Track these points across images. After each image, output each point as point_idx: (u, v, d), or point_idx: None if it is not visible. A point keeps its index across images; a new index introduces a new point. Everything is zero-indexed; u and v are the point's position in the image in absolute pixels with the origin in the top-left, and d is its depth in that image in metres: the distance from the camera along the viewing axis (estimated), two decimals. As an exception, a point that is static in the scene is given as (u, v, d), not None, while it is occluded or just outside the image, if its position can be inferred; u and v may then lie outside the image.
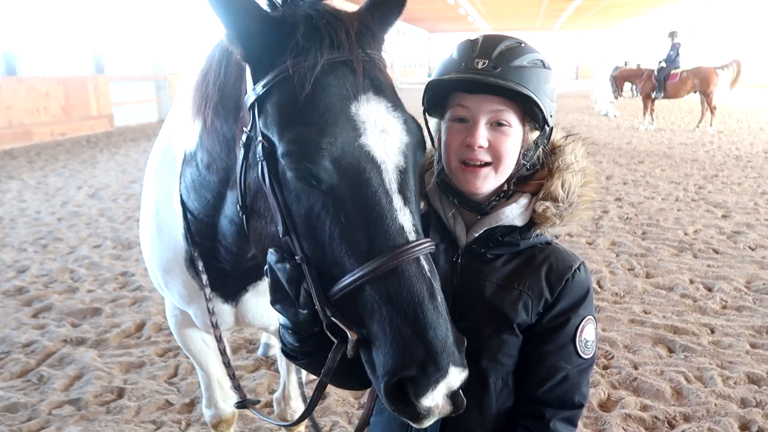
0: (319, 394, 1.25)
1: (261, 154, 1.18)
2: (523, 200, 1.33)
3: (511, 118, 1.26)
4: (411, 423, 1.11)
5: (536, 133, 1.31)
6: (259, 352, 3.76)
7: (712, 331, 3.98)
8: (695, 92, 15.24)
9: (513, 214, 1.31)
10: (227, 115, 1.36)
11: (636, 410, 3.09)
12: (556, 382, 1.28)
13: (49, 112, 14.58)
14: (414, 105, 1.31)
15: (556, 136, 1.39)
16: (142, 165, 10.59)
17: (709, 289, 4.69)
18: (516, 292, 1.28)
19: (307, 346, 1.24)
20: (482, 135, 1.25)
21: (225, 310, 1.92)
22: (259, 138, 1.19)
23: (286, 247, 1.20)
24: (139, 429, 3.01)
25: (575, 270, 1.31)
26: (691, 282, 4.82)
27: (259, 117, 1.19)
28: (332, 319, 1.14)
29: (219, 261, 1.72)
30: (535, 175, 1.35)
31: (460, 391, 1.10)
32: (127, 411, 3.14)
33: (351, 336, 1.12)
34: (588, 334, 1.31)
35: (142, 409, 3.17)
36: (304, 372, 2.58)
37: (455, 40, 1.38)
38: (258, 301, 1.91)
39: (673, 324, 4.05)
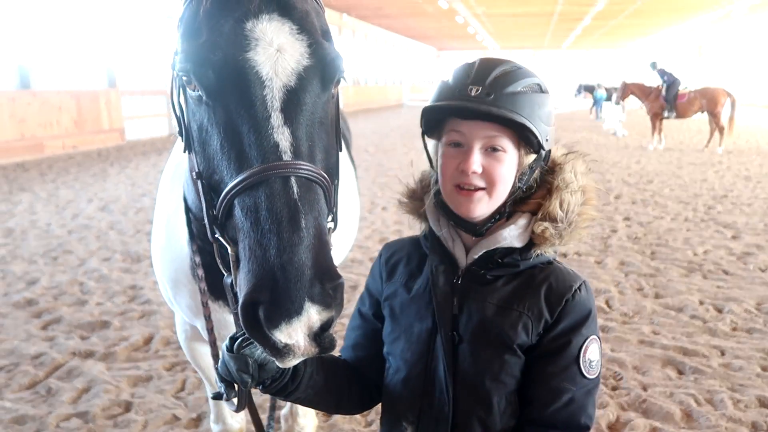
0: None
1: (173, 70, 1.24)
2: (522, 221, 1.32)
3: (505, 143, 1.26)
4: (275, 360, 1.08)
5: (533, 156, 1.31)
6: (267, 367, 3.75)
7: (723, 353, 3.95)
8: (702, 112, 15.25)
9: (511, 235, 1.31)
10: None
11: (645, 432, 3.06)
12: (561, 404, 1.26)
13: (62, 126, 14.74)
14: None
15: (556, 153, 1.38)
16: (151, 179, 10.67)
17: (719, 311, 4.66)
18: (516, 313, 1.28)
19: None
20: (476, 161, 1.25)
21: (232, 322, 1.92)
22: (173, 53, 1.25)
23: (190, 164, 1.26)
24: (145, 443, 3.01)
25: (575, 290, 1.29)
26: (701, 303, 4.79)
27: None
28: (216, 236, 1.18)
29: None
30: (533, 195, 1.34)
31: (328, 332, 1.06)
32: (135, 425, 3.14)
33: (231, 251, 1.14)
34: (592, 354, 1.29)
35: (149, 424, 3.17)
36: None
37: (464, 58, 1.39)
38: None
39: (683, 345, 4.02)
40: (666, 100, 15.35)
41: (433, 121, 1.34)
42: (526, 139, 1.26)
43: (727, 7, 28.16)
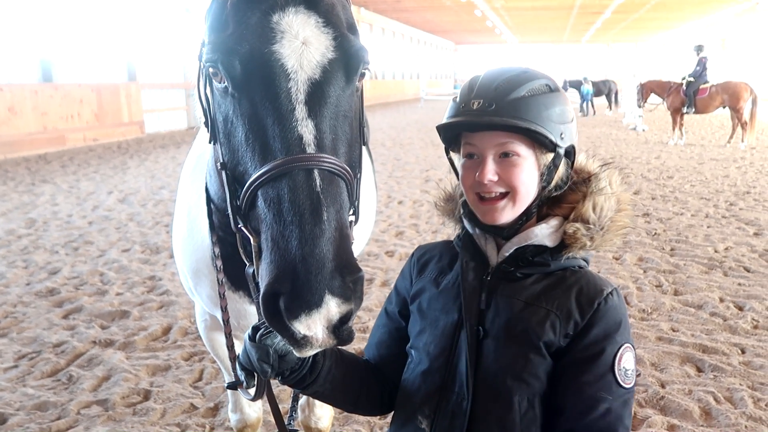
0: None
1: (200, 61, 1.25)
2: (554, 221, 1.34)
3: (518, 147, 1.28)
4: (293, 349, 1.09)
5: (551, 155, 1.31)
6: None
7: (743, 352, 3.89)
8: (724, 107, 14.99)
9: (543, 233, 1.32)
10: None
11: (663, 430, 3.04)
12: (599, 414, 1.22)
13: (83, 119, 14.95)
14: (439, 116, 1.34)
15: (592, 165, 1.40)
16: (170, 171, 10.78)
17: (740, 308, 4.59)
18: (543, 311, 1.27)
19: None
20: (490, 169, 1.28)
21: (252, 313, 1.94)
22: (199, 44, 1.27)
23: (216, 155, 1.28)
24: (164, 431, 3.05)
25: (607, 294, 1.28)
26: (721, 300, 4.73)
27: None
28: (240, 226, 1.20)
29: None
30: (568, 199, 1.36)
31: (347, 325, 1.06)
32: (153, 413, 3.19)
33: (253, 242, 1.15)
34: (627, 362, 1.26)
35: (167, 412, 3.22)
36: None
37: (482, 52, 1.42)
38: None
39: (702, 343, 3.97)
40: (686, 95, 15.12)
41: (449, 138, 1.39)
42: (537, 140, 1.28)
43: None
